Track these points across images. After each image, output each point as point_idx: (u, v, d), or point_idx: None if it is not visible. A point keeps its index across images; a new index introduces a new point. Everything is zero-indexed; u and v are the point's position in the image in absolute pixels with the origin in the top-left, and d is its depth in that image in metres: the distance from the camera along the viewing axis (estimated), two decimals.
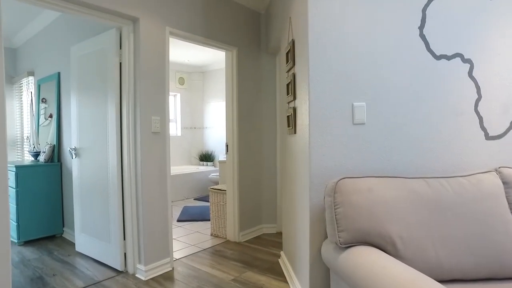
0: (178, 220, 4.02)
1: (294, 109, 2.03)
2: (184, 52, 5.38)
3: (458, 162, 1.81)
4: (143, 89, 2.27)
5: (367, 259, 1.22)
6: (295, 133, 2.04)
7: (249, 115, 3.28)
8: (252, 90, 3.30)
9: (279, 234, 3.38)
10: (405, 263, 1.33)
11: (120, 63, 2.35)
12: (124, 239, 2.39)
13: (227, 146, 3.19)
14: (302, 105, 1.87)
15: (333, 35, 1.75)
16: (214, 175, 5.62)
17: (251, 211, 3.32)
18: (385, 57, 1.77)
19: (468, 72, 1.82)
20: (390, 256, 1.23)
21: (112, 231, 2.43)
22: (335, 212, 1.44)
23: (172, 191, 5.29)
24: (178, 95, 6.40)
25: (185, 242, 3.17)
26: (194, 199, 5.52)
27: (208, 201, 5.29)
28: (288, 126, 2.20)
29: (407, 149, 1.78)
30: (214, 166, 6.48)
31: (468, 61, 1.82)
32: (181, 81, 6.39)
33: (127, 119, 2.30)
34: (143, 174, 2.28)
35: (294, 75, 2.03)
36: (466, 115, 1.82)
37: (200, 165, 6.59)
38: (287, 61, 2.21)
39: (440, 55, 1.81)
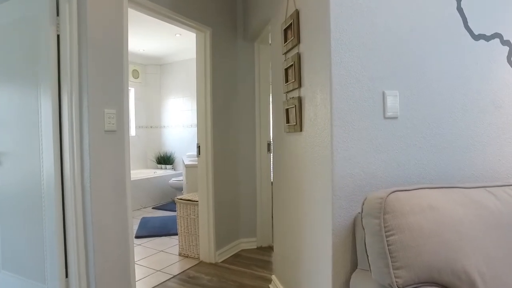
0: (137, 236, 3.36)
1: (300, 100, 1.58)
2: (138, 40, 4.67)
3: (496, 164, 1.50)
4: (92, 72, 1.66)
5: None
6: (300, 130, 1.59)
7: (225, 110, 2.77)
8: (228, 81, 2.80)
9: (261, 249, 2.91)
10: None
11: (58, 36, 1.71)
12: (67, 276, 1.75)
13: (198, 147, 2.65)
14: (316, 93, 1.43)
15: (360, 2, 1.33)
16: (176, 180, 4.99)
17: (228, 225, 2.81)
18: (419, 33, 1.39)
19: (507, 56, 1.52)
20: None
21: (49, 266, 1.77)
22: (387, 240, 1.02)
23: None
24: (132, 89, 5.63)
25: (149, 267, 2.56)
26: (153, 208, 4.84)
27: (169, 210, 4.65)
28: (287, 122, 1.75)
29: (443, 149, 1.43)
30: (174, 170, 5.82)
31: (507, 43, 1.52)
32: (135, 74, 5.63)
33: (69, 113, 1.67)
34: (94, 186, 1.67)
35: (299, 56, 1.58)
36: (504, 108, 1.52)
37: (158, 168, 5.88)
38: (285, 40, 1.75)
39: (479, 34, 1.48)
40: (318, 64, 1.41)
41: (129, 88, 5.33)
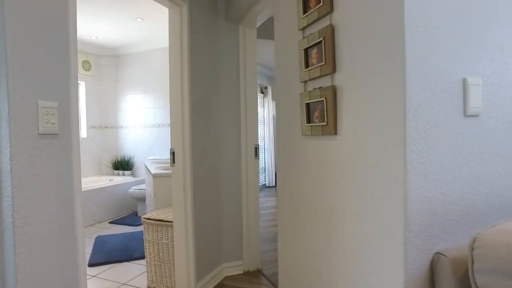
0: (91, 264, 2.70)
1: (334, 90, 1.13)
2: (89, 24, 3.93)
3: None
4: (14, 42, 1.06)
5: None
6: (334, 133, 1.14)
7: (205, 108, 2.24)
8: (208, 71, 2.27)
9: (248, 275, 2.43)
10: None
11: None
12: None
13: (173, 154, 2.10)
14: (370, 80, 0.98)
15: None
16: (136, 188, 4.31)
17: (210, 249, 2.29)
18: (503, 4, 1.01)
19: None
20: None
21: None
22: None
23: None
24: (83, 84, 4.82)
25: None
26: (110, 223, 4.13)
27: (130, 224, 3.98)
28: (308, 121, 1.29)
29: None
30: (134, 176, 5.11)
31: None
32: (86, 65, 4.83)
33: None
34: (19, 225, 1.07)
35: (332, 29, 1.13)
36: None
37: (114, 175, 5.13)
38: (304, 10, 1.29)
39: None
40: (375, 36, 0.96)
41: (78, 81, 4.55)
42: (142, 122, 5.04)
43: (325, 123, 1.17)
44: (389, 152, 0.92)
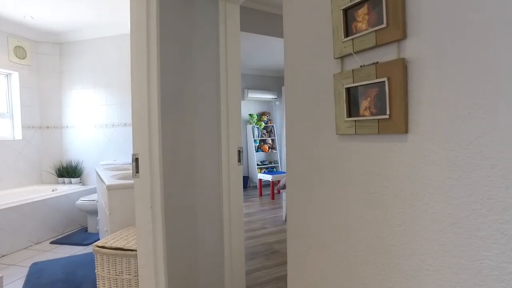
0: None
1: (404, 66, 0.73)
2: (20, 0, 3.19)
3: None
4: None
5: None
6: (405, 131, 0.74)
7: (177, 104, 1.75)
8: (181, 59, 1.79)
9: None
10: None
11: None
12: None
13: (136, 161, 1.58)
14: (493, 41, 0.60)
15: None
16: (85, 200, 3.64)
17: (185, 282, 1.80)
18: None
19: None
20: None
21: None
22: None
23: (5, 236, 3.07)
24: (15, 74, 4.01)
25: None
26: (52, 243, 3.41)
27: (77, 244, 3.31)
28: (350, 114, 0.88)
29: None
30: (83, 184, 4.39)
31: None
32: (20, 52, 4.02)
33: None
34: None
35: None
36: None
37: (59, 183, 4.36)
38: None
39: None
40: None
41: (9, 71, 3.68)
42: (92, 121, 4.33)
43: (387, 116, 0.77)
44: None
